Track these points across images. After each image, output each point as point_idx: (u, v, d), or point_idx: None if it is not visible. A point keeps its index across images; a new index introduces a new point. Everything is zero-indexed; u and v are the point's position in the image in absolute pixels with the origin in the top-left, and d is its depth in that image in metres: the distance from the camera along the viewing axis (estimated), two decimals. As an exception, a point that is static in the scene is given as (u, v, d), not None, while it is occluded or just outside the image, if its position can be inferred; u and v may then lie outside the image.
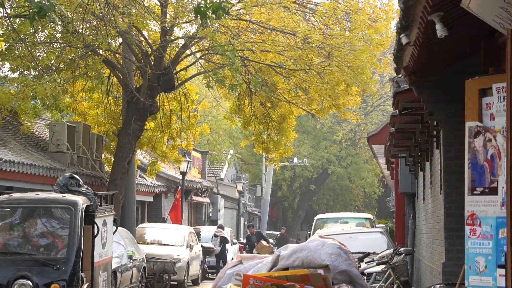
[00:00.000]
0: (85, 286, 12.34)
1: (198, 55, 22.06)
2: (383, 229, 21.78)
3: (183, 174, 30.58)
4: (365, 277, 12.64)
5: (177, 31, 21.37)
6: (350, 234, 17.70)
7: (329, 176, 59.27)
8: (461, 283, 8.37)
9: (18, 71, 19.18)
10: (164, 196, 32.78)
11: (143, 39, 20.71)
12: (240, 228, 49.27)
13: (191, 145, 26.03)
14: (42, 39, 19.24)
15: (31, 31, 17.87)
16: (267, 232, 50.41)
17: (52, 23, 17.11)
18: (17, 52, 18.35)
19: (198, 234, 28.91)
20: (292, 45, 19.42)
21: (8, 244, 12.36)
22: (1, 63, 19.23)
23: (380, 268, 12.93)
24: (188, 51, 21.70)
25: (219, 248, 28.58)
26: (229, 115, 24.36)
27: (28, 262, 12.05)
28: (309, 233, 28.40)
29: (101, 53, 19.94)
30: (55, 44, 19.48)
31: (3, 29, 18.06)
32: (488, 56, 7.72)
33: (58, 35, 19.24)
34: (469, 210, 6.67)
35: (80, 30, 17.72)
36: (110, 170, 21.91)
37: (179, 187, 31.24)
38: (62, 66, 19.47)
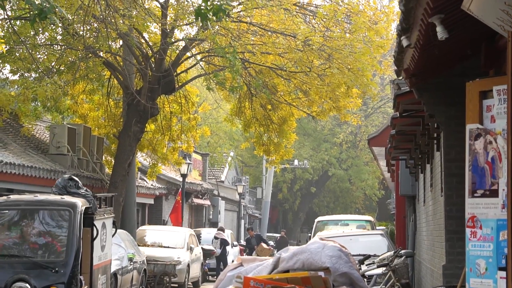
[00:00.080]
0: (84, 289, 12.27)
1: (199, 57, 22.08)
2: (383, 231, 21.74)
3: (183, 176, 30.57)
4: (365, 279, 12.64)
5: (178, 33, 21.41)
6: (350, 236, 17.67)
7: (329, 178, 59.26)
8: (462, 286, 8.35)
9: (19, 73, 19.20)
10: (165, 198, 32.78)
11: (143, 41, 20.72)
12: (241, 230, 49.24)
13: (191, 147, 26.03)
14: (42, 41, 19.26)
15: (32, 33, 17.87)
16: (268, 234, 50.35)
17: (52, 25, 17.13)
18: (17, 54, 18.37)
19: (198, 236, 28.92)
20: (293, 47, 19.42)
21: (6, 246, 12.19)
22: (1, 65, 19.22)
23: (380, 270, 12.92)
24: (188, 53, 21.71)
25: (219, 250, 28.58)
26: (229, 117, 24.36)
27: (26, 264, 11.89)
28: (309, 235, 28.38)
29: (102, 55, 19.94)
30: (56, 46, 19.50)
31: (4, 31, 18.08)
32: (489, 58, 7.71)
33: (59, 37, 19.25)
34: (469, 212, 6.66)
35: (81, 32, 17.73)
36: (111, 172, 21.91)
37: (180, 189, 31.24)
38: (62, 68, 19.47)
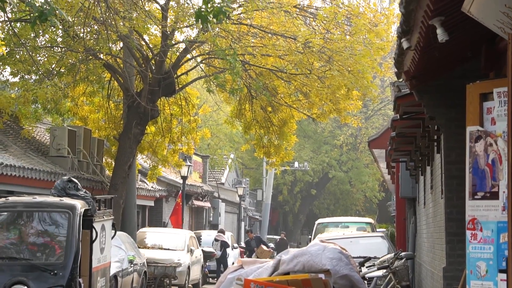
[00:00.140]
0: (83, 292, 12.20)
1: (199, 59, 22.09)
2: (384, 233, 21.75)
3: (183, 178, 30.57)
4: (366, 281, 12.64)
5: (178, 36, 21.45)
6: (351, 239, 17.67)
7: (329, 181, 59.24)
8: (462, 288, 8.36)
9: (19, 75, 19.19)
10: (165, 200, 32.77)
11: (144, 43, 20.73)
12: (241, 233, 49.22)
13: (191, 149, 26.04)
14: (43, 43, 19.26)
15: (32, 35, 17.87)
16: (268, 236, 50.34)
17: (53, 27, 17.11)
18: (18, 56, 18.37)
19: (198, 239, 28.90)
20: (293, 49, 19.42)
21: (4, 248, 12.06)
22: (2, 67, 19.22)
23: (381, 272, 12.93)
24: (189, 56, 21.71)
25: (219, 252, 28.56)
26: (229, 119, 24.35)
27: (25, 267, 11.77)
28: (310, 237, 28.37)
29: (102, 57, 19.94)
30: (56, 48, 19.50)
31: (4, 33, 18.08)
32: (489, 60, 7.71)
33: (59, 39, 19.25)
34: (470, 214, 6.66)
35: (81, 35, 17.73)
36: (111, 175, 21.90)
37: (180, 191, 31.23)
38: (63, 71, 19.47)
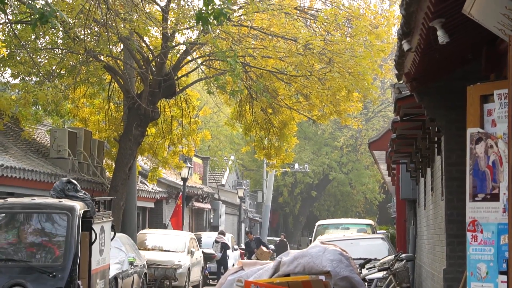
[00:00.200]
0: (82, 294, 12.15)
1: (200, 61, 22.09)
2: (384, 235, 21.75)
3: (184, 180, 30.57)
4: (366, 283, 12.64)
5: (179, 37, 21.45)
6: (351, 240, 17.66)
7: (330, 182, 59.24)
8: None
9: (20, 77, 19.19)
10: (165, 202, 32.78)
11: (144, 45, 20.73)
12: (241, 234, 49.18)
13: (192, 151, 26.03)
14: (43, 45, 19.25)
15: (33, 37, 17.88)
16: (268, 238, 50.33)
17: (53, 29, 17.12)
18: (18, 58, 18.36)
19: (199, 240, 28.90)
20: (293, 51, 19.43)
21: (2, 250, 11.99)
22: (2, 69, 19.23)
23: (381, 274, 12.91)
24: (189, 57, 21.71)
25: (220, 254, 28.54)
26: (230, 121, 24.35)
27: (23, 269, 11.68)
28: (310, 239, 28.36)
29: (103, 59, 19.95)
30: (57, 50, 19.49)
31: (5, 35, 18.09)
32: (490, 62, 7.71)
33: (60, 41, 19.26)
34: (470, 216, 6.66)
35: (82, 36, 17.73)
36: (111, 176, 21.90)
37: (180, 193, 31.23)
38: (63, 72, 19.47)
